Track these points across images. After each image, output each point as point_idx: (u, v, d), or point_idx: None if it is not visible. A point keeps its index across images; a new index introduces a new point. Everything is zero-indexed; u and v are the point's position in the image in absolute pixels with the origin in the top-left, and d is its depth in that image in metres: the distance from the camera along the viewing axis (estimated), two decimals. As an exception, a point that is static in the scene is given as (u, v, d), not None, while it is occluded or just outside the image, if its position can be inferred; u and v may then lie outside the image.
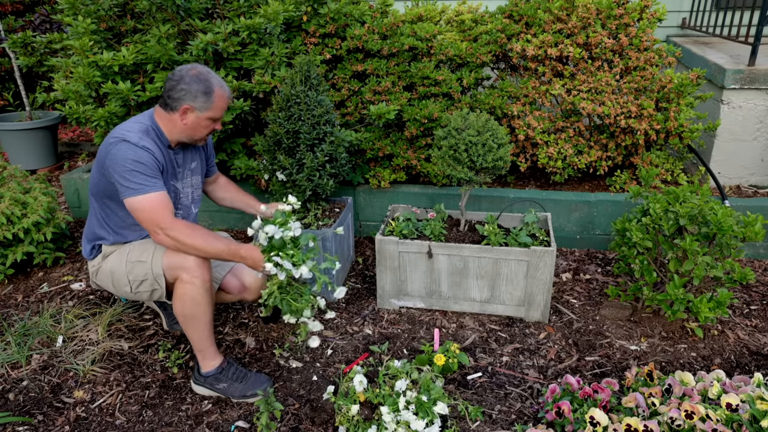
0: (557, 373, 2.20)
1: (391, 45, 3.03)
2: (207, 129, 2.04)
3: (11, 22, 4.45)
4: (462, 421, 1.96)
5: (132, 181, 1.86)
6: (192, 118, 1.99)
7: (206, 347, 2.09)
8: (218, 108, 2.00)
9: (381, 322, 2.54)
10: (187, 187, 2.19)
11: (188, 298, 1.97)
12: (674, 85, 2.91)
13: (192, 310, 1.99)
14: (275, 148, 2.60)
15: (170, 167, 2.06)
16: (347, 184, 3.24)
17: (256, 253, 1.92)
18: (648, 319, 2.47)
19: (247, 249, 1.93)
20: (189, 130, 2.02)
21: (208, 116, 1.99)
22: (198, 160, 2.24)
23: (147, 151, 1.90)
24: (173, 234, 1.88)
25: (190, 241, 1.89)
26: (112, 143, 1.90)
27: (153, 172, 1.90)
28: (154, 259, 2.01)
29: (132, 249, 2.09)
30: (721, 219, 2.07)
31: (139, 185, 1.87)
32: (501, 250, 2.38)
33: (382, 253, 2.50)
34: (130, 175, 1.86)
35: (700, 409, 1.63)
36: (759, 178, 3.37)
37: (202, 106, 1.96)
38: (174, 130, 2.02)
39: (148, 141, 1.93)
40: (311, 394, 2.12)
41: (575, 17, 3.01)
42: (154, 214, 1.87)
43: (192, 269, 1.94)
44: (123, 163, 1.86)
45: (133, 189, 1.86)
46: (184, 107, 1.96)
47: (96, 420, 2.02)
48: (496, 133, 2.36)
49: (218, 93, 1.98)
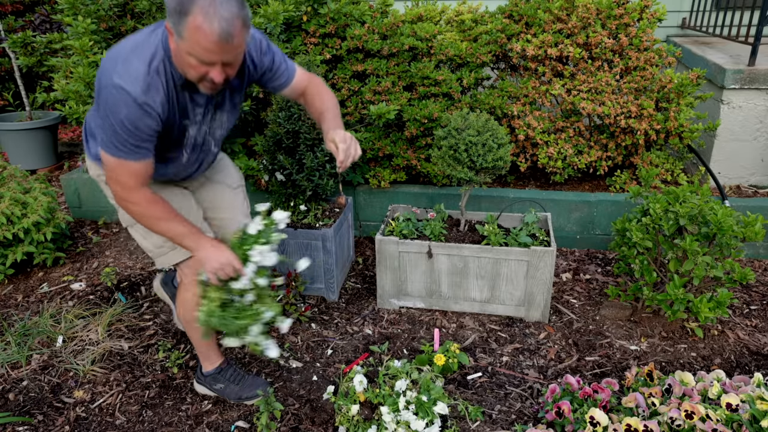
0: (557, 373, 2.20)
1: (391, 45, 3.03)
2: (195, 71, 1.47)
3: (11, 22, 4.44)
4: (462, 421, 1.96)
5: (115, 140, 1.52)
6: (174, 45, 1.47)
7: (207, 349, 2.07)
8: (195, 44, 1.39)
9: (381, 322, 2.54)
10: (205, 125, 1.73)
11: (189, 304, 1.88)
12: (674, 85, 2.91)
13: (193, 315, 1.90)
14: (275, 148, 2.60)
15: (180, 108, 1.62)
16: (347, 184, 3.24)
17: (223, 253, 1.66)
18: (648, 319, 2.47)
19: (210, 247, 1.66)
20: (179, 63, 1.51)
21: (187, 50, 1.42)
22: (229, 93, 1.72)
23: (147, 112, 1.49)
24: (131, 207, 1.63)
25: (144, 222, 1.65)
26: (110, 87, 1.47)
27: (145, 137, 1.53)
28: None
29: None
30: (721, 219, 2.07)
31: (120, 149, 1.53)
32: (501, 250, 2.38)
33: (382, 253, 2.50)
34: (114, 135, 1.51)
35: (700, 409, 1.63)
36: (759, 178, 3.37)
37: (176, 30, 1.41)
38: (175, 60, 1.52)
39: (153, 91, 1.48)
40: (311, 394, 2.12)
41: (575, 17, 3.01)
42: (121, 178, 1.57)
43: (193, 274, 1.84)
44: (113, 119, 1.49)
45: (114, 147, 1.53)
46: (167, 24, 1.47)
47: (96, 420, 2.02)
48: (496, 133, 2.36)
49: (195, 23, 1.36)
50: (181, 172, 1.86)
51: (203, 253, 1.65)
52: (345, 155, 1.65)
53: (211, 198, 2.04)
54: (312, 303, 2.68)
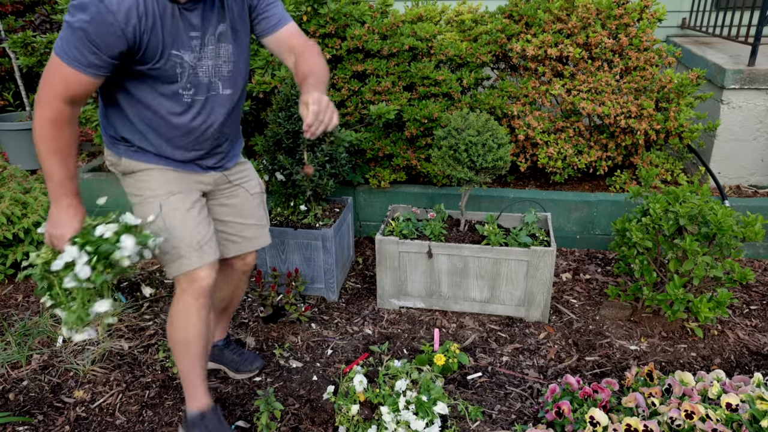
0: (557, 373, 2.20)
1: (391, 45, 3.03)
2: None
3: (11, 22, 4.44)
4: (462, 421, 1.96)
5: (66, 38, 1.36)
6: None
7: (192, 384, 1.81)
8: None
9: (381, 322, 2.54)
10: (207, 58, 1.55)
11: (176, 320, 1.72)
12: (674, 85, 2.91)
13: (184, 334, 1.73)
14: (275, 148, 2.60)
15: (168, 29, 1.43)
16: (347, 184, 3.24)
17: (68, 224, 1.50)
18: (648, 319, 2.47)
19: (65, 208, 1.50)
20: None
21: None
22: (230, 19, 1.56)
23: (105, 16, 1.32)
24: (38, 113, 1.44)
25: (36, 136, 1.46)
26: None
27: (97, 47, 1.35)
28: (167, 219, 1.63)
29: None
30: (721, 219, 2.08)
31: (66, 50, 1.37)
32: (501, 250, 2.38)
33: (382, 253, 2.50)
34: (67, 31, 1.35)
35: (700, 409, 1.63)
36: (759, 178, 3.37)
37: None
38: None
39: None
40: (311, 394, 2.12)
41: (575, 17, 3.02)
42: (52, 78, 1.41)
43: (198, 279, 1.65)
44: (70, 18, 1.34)
45: (61, 45, 1.37)
46: None
47: (96, 420, 2.03)
48: (496, 133, 2.36)
49: None
50: (193, 144, 1.66)
51: (53, 211, 1.51)
52: (315, 118, 1.41)
53: (226, 202, 1.88)
54: (312, 303, 2.68)
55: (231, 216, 1.89)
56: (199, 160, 1.73)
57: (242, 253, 1.96)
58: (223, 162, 1.80)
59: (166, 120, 1.58)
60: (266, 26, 1.65)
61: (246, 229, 1.92)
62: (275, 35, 1.66)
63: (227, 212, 1.88)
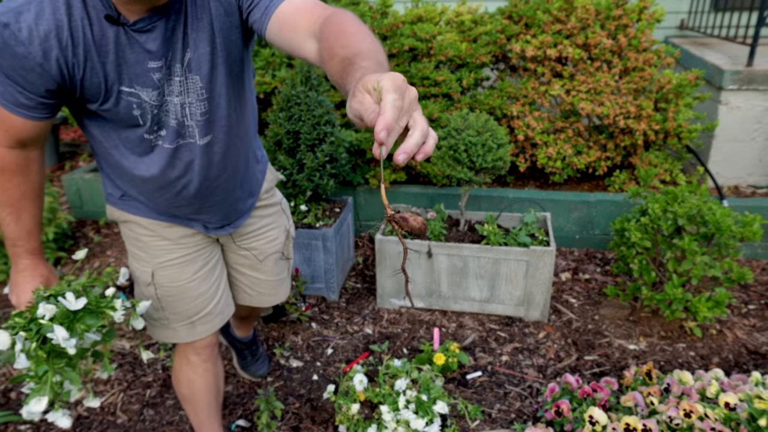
0: (556, 372, 2.21)
1: (391, 46, 3.04)
2: None
3: None
4: (462, 420, 1.97)
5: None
6: None
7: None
8: None
9: (381, 321, 2.55)
10: (174, 95, 1.16)
11: (179, 376, 1.62)
12: (673, 86, 2.92)
13: (188, 390, 1.62)
14: (276, 148, 2.61)
15: (117, 63, 1.08)
16: (347, 184, 3.25)
17: (22, 291, 1.30)
18: (647, 319, 2.48)
19: (20, 271, 1.31)
20: None
21: None
22: (208, 40, 1.13)
23: (14, 48, 1.00)
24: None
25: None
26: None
27: (18, 84, 1.06)
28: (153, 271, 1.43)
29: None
30: (720, 219, 2.08)
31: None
32: (500, 250, 2.39)
33: (382, 253, 2.51)
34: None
35: (698, 408, 1.64)
36: (757, 178, 3.38)
37: None
38: None
39: (32, 13, 0.99)
40: (311, 393, 2.13)
41: (574, 18, 3.03)
42: None
43: (193, 343, 1.52)
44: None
45: None
46: None
47: (97, 419, 2.03)
48: (496, 134, 2.37)
49: None
50: (172, 201, 1.33)
51: (11, 272, 1.34)
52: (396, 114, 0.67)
53: (240, 252, 1.61)
54: (312, 302, 2.69)
55: (245, 268, 1.63)
56: (195, 215, 1.40)
57: (254, 306, 1.76)
58: (226, 224, 1.48)
59: (133, 171, 1.27)
60: (258, 15, 1.10)
61: (260, 284, 1.67)
62: (273, 21, 1.07)
63: (242, 262, 1.62)
